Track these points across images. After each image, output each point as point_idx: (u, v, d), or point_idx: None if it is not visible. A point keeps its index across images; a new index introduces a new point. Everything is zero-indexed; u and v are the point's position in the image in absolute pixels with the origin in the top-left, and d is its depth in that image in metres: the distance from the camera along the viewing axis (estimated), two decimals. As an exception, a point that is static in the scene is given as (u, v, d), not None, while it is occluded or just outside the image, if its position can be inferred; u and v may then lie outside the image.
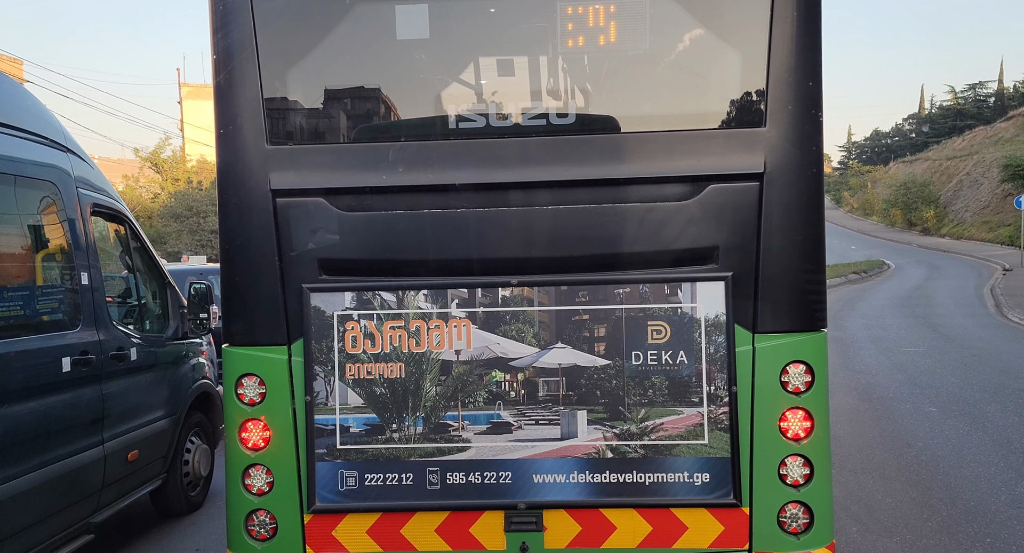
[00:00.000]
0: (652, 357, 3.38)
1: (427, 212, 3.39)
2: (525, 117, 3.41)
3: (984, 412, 8.89)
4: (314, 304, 3.43)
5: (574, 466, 3.38)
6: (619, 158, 3.38)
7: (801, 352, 3.37)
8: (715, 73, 3.54)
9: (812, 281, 3.39)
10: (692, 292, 3.38)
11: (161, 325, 6.01)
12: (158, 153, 41.07)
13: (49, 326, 4.56)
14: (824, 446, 3.41)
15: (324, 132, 3.67)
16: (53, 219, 4.72)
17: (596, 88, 3.64)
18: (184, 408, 5.99)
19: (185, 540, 5.70)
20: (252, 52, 3.40)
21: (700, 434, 3.36)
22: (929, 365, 12.10)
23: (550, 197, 3.37)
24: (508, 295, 3.42)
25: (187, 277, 6.31)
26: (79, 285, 4.78)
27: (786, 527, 3.38)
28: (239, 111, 3.42)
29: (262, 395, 3.48)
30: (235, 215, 3.46)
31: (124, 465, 5.09)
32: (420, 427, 3.43)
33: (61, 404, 4.47)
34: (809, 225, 3.39)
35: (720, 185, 3.33)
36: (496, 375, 3.42)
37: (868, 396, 9.96)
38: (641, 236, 3.36)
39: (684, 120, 3.44)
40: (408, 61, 3.58)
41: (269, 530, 3.49)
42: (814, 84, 3.33)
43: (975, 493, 6.15)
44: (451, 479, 3.40)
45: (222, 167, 3.49)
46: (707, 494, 3.35)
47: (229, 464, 3.54)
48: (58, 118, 5.18)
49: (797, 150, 3.33)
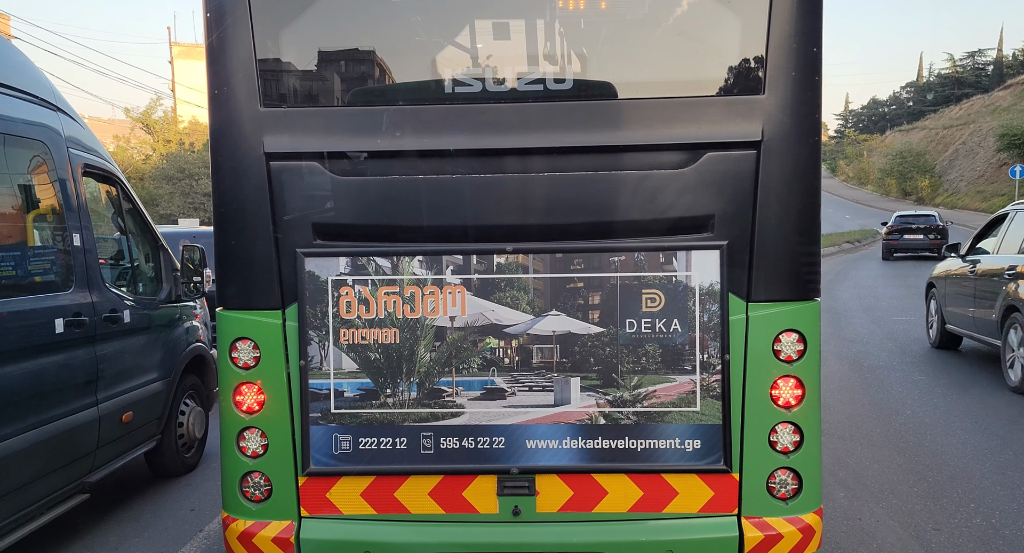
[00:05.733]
0: (646, 325, 3.39)
1: (422, 177, 3.37)
2: (522, 82, 3.37)
3: (972, 381, 9.00)
4: (308, 269, 3.42)
5: (567, 432, 3.41)
6: (616, 124, 3.35)
7: (794, 321, 3.39)
8: (714, 39, 3.50)
9: (806, 251, 3.39)
10: (687, 261, 3.37)
11: (154, 288, 6.00)
12: (149, 114, 40.61)
13: (41, 287, 4.54)
14: (814, 414, 3.44)
15: (318, 95, 3.62)
16: (44, 179, 4.68)
17: (593, 53, 3.60)
18: (178, 371, 6.01)
19: (180, 500, 5.76)
20: (245, 11, 3.33)
21: (692, 401, 3.39)
22: (920, 334, 12.19)
23: (546, 164, 3.35)
24: (503, 262, 3.41)
25: (180, 240, 6.28)
26: (71, 246, 4.75)
27: (775, 492, 3.43)
28: (232, 73, 3.37)
29: (256, 359, 3.48)
30: (228, 179, 3.43)
31: (119, 426, 5.12)
32: (414, 392, 3.45)
33: (55, 365, 4.47)
34: (805, 195, 3.37)
35: (717, 153, 3.31)
36: (490, 342, 3.43)
37: (858, 364, 10.05)
38: (637, 204, 3.35)
39: (682, 87, 3.40)
40: (403, 23, 3.52)
41: (264, 492, 3.52)
42: (814, 51, 3.29)
43: (960, 459, 6.24)
44: (445, 444, 3.43)
45: (215, 130, 3.44)
46: (698, 460, 3.39)
47: (224, 427, 3.56)
48: (47, 76, 5.10)
49: (795, 118, 3.31)
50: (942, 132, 67.12)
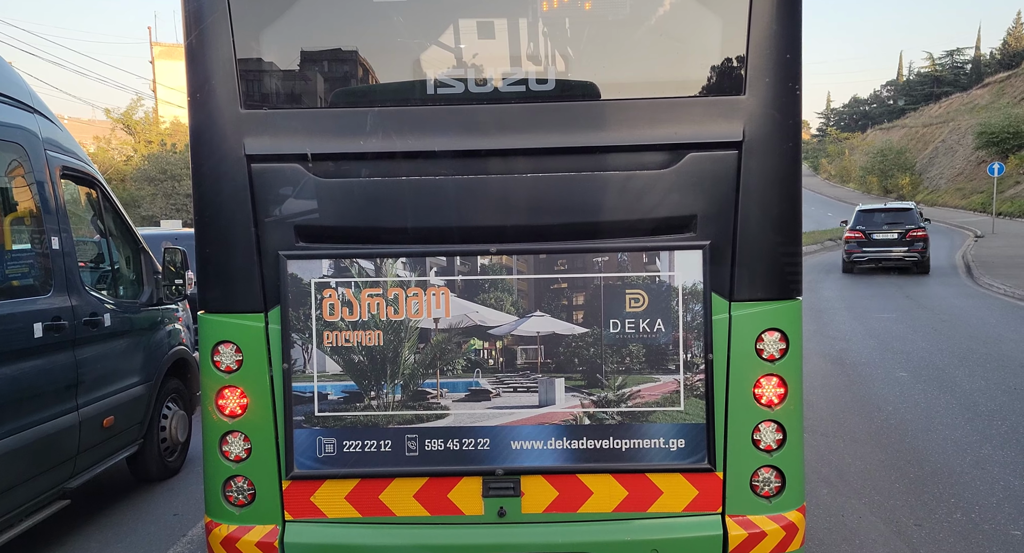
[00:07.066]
0: (630, 325, 3.40)
1: (405, 179, 3.36)
2: (504, 83, 3.37)
3: (952, 377, 9.09)
4: (291, 271, 3.40)
5: (552, 433, 3.41)
6: (599, 125, 3.35)
7: (776, 320, 3.41)
8: (695, 39, 3.51)
9: (788, 250, 3.41)
10: (670, 261, 3.38)
11: (135, 291, 5.94)
12: (130, 114, 40.27)
13: (20, 291, 4.49)
14: (797, 412, 3.46)
15: (300, 96, 3.60)
16: (21, 182, 4.62)
17: (576, 54, 3.60)
18: (160, 374, 5.96)
19: (162, 505, 5.71)
20: (224, 11, 3.31)
21: (676, 401, 3.40)
22: (901, 331, 12.31)
23: (529, 165, 3.35)
24: (487, 263, 3.41)
25: (162, 242, 6.22)
26: (50, 250, 4.70)
27: (758, 491, 3.45)
28: (212, 73, 3.34)
29: (239, 362, 3.46)
30: (209, 181, 3.40)
31: (99, 431, 5.07)
32: (398, 394, 3.44)
33: (34, 370, 4.42)
34: (786, 194, 3.39)
35: (699, 153, 3.32)
36: (475, 343, 3.43)
37: (841, 361, 10.13)
38: (620, 204, 3.35)
39: (664, 87, 3.41)
40: (385, 24, 3.50)
41: (247, 496, 3.50)
42: (794, 51, 3.31)
43: (941, 455, 6.31)
44: (429, 446, 3.42)
45: (195, 131, 3.41)
46: (682, 459, 3.40)
47: (206, 431, 3.53)
48: (24, 77, 5.04)
49: (776, 118, 3.32)
50: (922, 130, 67.78)
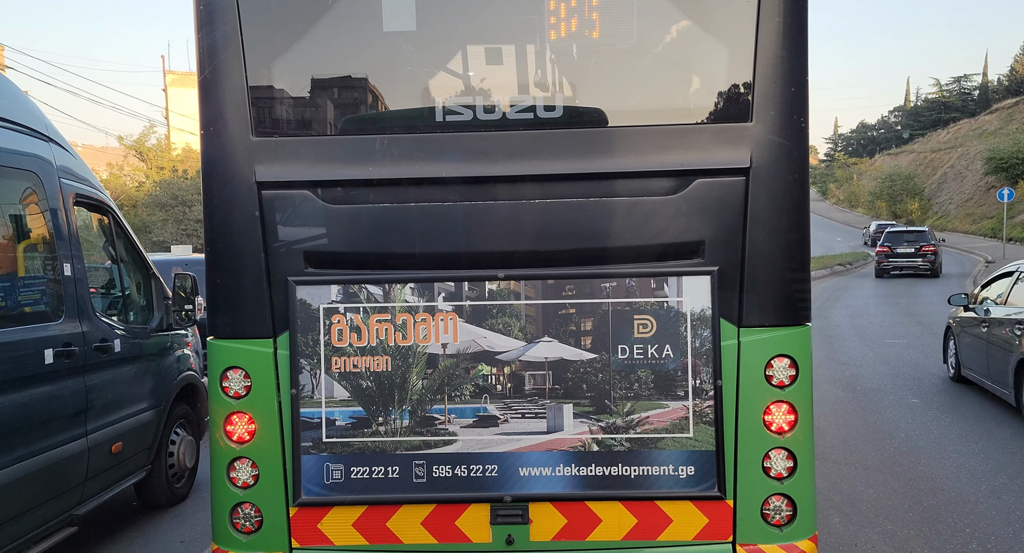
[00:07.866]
0: (638, 351, 3.39)
1: (414, 205, 3.38)
2: (512, 110, 3.40)
3: (965, 403, 9.00)
4: (300, 297, 3.41)
5: (560, 459, 3.39)
6: (606, 152, 3.38)
7: (786, 346, 3.39)
8: (702, 67, 3.54)
9: (797, 276, 3.41)
10: (678, 286, 3.38)
11: (145, 316, 5.97)
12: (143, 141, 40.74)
13: (31, 318, 4.51)
14: (808, 439, 3.43)
15: (310, 124, 3.65)
16: (35, 209, 4.67)
17: (583, 82, 3.63)
18: (169, 400, 5.97)
19: (170, 532, 5.69)
20: (237, 42, 3.36)
21: (685, 427, 3.37)
22: (912, 357, 12.21)
23: (537, 191, 3.37)
24: (495, 289, 3.42)
25: (172, 268, 6.27)
26: (62, 276, 4.74)
27: (769, 519, 3.41)
28: (224, 103, 3.39)
29: (247, 388, 3.46)
30: (220, 207, 3.44)
31: (108, 457, 5.07)
32: (406, 420, 3.43)
33: (44, 396, 4.43)
34: (794, 219, 3.40)
35: (706, 180, 3.34)
36: (482, 368, 3.42)
37: (852, 387, 10.05)
38: (628, 230, 3.37)
39: (671, 114, 3.44)
40: (395, 53, 3.55)
41: (254, 523, 3.48)
42: (800, 78, 3.34)
43: (955, 483, 6.22)
44: (437, 472, 3.41)
45: (207, 159, 3.46)
46: (692, 487, 3.37)
47: (214, 457, 3.52)
48: (40, 106, 5.12)
49: (783, 144, 3.34)
50: (930, 155, 67.78)
